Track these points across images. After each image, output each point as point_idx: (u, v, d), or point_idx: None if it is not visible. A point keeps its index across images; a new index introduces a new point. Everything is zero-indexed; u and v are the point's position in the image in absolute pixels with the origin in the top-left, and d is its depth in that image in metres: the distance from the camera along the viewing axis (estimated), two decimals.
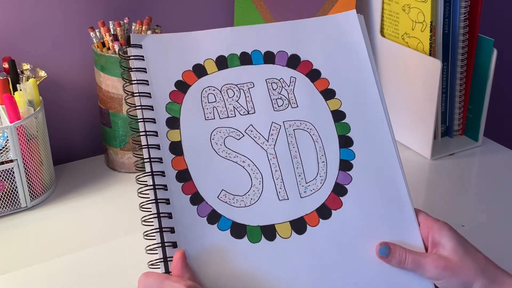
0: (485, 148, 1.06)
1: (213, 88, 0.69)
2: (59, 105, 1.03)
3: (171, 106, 0.67)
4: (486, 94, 1.02)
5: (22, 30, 0.97)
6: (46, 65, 0.98)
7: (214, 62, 0.70)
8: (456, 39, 1.00)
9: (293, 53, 0.72)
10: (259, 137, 0.67)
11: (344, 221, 0.65)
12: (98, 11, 1.01)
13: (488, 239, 0.70)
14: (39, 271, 0.76)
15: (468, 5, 0.98)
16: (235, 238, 0.63)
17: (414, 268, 0.63)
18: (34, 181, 0.88)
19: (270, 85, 0.70)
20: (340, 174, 0.67)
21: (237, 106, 0.68)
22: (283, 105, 0.69)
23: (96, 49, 0.94)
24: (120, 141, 0.97)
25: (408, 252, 0.63)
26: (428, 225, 0.65)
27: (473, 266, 0.61)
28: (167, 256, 0.60)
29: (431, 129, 0.99)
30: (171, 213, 0.62)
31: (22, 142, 0.85)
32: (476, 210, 0.90)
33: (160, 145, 0.64)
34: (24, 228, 0.85)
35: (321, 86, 0.71)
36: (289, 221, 0.65)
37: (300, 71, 0.71)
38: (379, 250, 0.64)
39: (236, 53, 0.71)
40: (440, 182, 0.97)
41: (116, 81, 0.93)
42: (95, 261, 0.78)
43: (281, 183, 0.66)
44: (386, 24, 1.05)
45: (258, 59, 0.71)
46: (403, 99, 1.03)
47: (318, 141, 0.68)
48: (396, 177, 0.68)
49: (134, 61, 0.67)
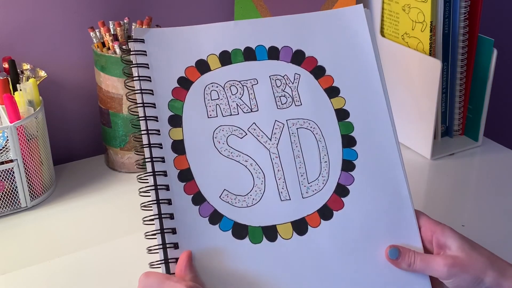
0: (485, 148, 1.06)
1: (216, 84, 0.68)
2: (59, 105, 1.03)
3: (173, 103, 0.66)
4: (486, 94, 1.02)
5: (22, 30, 0.96)
6: (46, 65, 0.98)
7: (218, 58, 0.69)
8: (456, 39, 1.00)
9: (298, 49, 0.71)
10: (262, 135, 0.67)
11: (345, 222, 0.65)
12: (98, 11, 1.01)
13: (488, 239, 0.70)
14: (39, 271, 0.76)
15: (468, 5, 0.98)
16: (236, 239, 0.62)
17: (423, 269, 0.63)
18: (34, 181, 0.88)
19: (274, 82, 0.69)
20: (342, 174, 0.67)
21: (240, 103, 0.68)
22: (287, 103, 0.69)
23: (96, 49, 0.94)
24: (120, 141, 0.97)
25: (417, 254, 0.63)
26: (431, 228, 0.65)
27: (482, 260, 0.61)
28: (168, 258, 0.60)
29: (431, 129, 0.99)
30: (172, 214, 0.61)
31: (22, 142, 0.85)
32: (476, 210, 0.91)
33: (162, 144, 0.64)
34: (24, 228, 0.85)
35: (326, 83, 0.70)
36: (291, 222, 0.64)
37: (304, 67, 0.70)
38: (389, 253, 0.64)
39: (240, 48, 0.70)
40: (440, 182, 0.97)
41: (116, 81, 0.93)
42: (95, 261, 0.78)
43: (283, 183, 0.66)
44: (386, 24, 1.05)
45: (262, 54, 0.70)
46: (403, 99, 1.03)
47: (321, 140, 0.68)
48: (398, 178, 0.68)
49: (136, 56, 0.66)
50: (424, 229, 0.66)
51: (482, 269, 0.61)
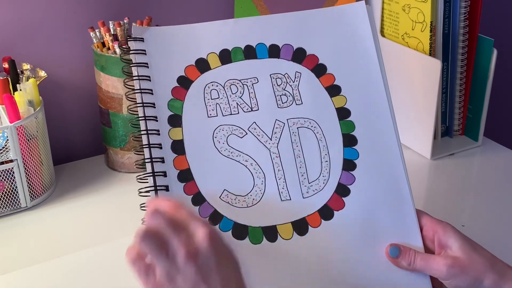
0: (485, 148, 1.06)
1: (216, 83, 0.67)
2: (59, 105, 1.03)
3: (173, 103, 0.66)
4: (486, 94, 1.02)
5: (22, 30, 0.96)
6: (46, 65, 0.97)
7: (218, 56, 0.68)
8: (456, 39, 1.00)
9: (298, 47, 0.70)
10: (262, 135, 0.67)
11: (346, 222, 0.65)
12: (98, 11, 1.00)
13: (488, 239, 0.70)
14: (39, 271, 0.76)
15: (468, 5, 0.98)
16: (236, 239, 0.62)
17: (423, 268, 0.63)
18: (34, 181, 0.88)
19: (275, 80, 0.69)
20: (343, 174, 0.67)
21: (240, 102, 0.67)
22: (287, 102, 0.68)
23: (96, 49, 0.94)
24: (120, 141, 0.97)
25: (417, 253, 0.63)
26: (433, 227, 0.65)
27: (482, 262, 0.61)
28: None
29: (431, 129, 0.99)
30: None
31: (22, 142, 0.85)
32: (476, 210, 0.90)
33: (162, 144, 0.64)
34: (24, 228, 0.85)
35: (327, 82, 0.70)
36: (291, 222, 0.64)
37: (305, 65, 0.70)
38: (390, 251, 0.64)
39: (240, 47, 0.69)
40: (440, 182, 0.97)
41: (116, 81, 0.93)
42: (95, 261, 0.78)
43: (284, 183, 0.65)
44: (386, 24, 1.05)
45: (263, 52, 0.70)
46: (403, 99, 1.03)
47: (322, 139, 0.68)
48: (399, 177, 0.68)
49: (135, 55, 0.66)
50: (426, 228, 0.66)
51: (482, 270, 0.61)
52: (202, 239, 0.52)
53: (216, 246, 0.52)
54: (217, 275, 0.52)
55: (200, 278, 0.51)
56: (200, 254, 0.51)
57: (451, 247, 0.63)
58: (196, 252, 0.51)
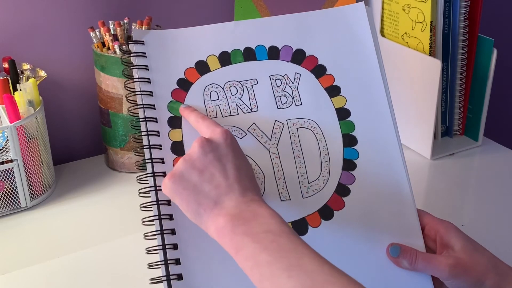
0: (485, 148, 1.06)
1: (216, 85, 0.68)
2: (59, 105, 1.03)
3: (173, 105, 0.66)
4: (486, 94, 1.02)
5: (22, 30, 0.96)
6: (46, 65, 0.98)
7: (217, 58, 0.69)
8: (456, 39, 1.00)
9: (298, 48, 0.71)
10: (261, 135, 0.67)
11: (346, 222, 0.65)
12: (98, 11, 1.00)
13: (488, 239, 0.70)
14: (39, 271, 0.76)
15: (468, 5, 0.98)
16: None
17: (424, 268, 0.62)
18: (34, 181, 0.88)
19: (274, 81, 0.69)
20: (343, 174, 0.67)
21: (240, 103, 0.68)
22: (287, 103, 0.69)
23: (96, 49, 0.94)
24: (120, 141, 0.97)
25: (418, 253, 0.63)
26: (435, 226, 0.65)
27: (484, 263, 0.61)
28: (168, 259, 0.60)
29: (431, 129, 0.99)
30: (172, 215, 0.61)
31: (22, 142, 0.85)
32: (476, 210, 0.91)
33: (161, 145, 0.64)
34: (24, 228, 0.85)
35: (326, 82, 0.70)
36: (291, 222, 0.64)
37: (305, 66, 0.70)
38: (390, 251, 0.64)
39: (240, 49, 0.69)
40: (440, 182, 0.97)
41: (116, 81, 0.93)
42: (95, 261, 0.78)
43: (283, 183, 0.66)
44: (386, 24, 1.05)
45: (262, 54, 0.70)
46: (403, 99, 1.03)
47: (321, 140, 0.68)
48: (400, 177, 0.68)
49: (136, 58, 0.67)
50: (428, 227, 0.66)
51: (484, 272, 0.60)
52: (220, 134, 0.59)
53: (233, 145, 0.59)
54: (232, 164, 0.58)
55: (217, 162, 0.57)
56: (219, 145, 0.59)
57: (453, 247, 0.62)
58: (215, 141, 0.59)
